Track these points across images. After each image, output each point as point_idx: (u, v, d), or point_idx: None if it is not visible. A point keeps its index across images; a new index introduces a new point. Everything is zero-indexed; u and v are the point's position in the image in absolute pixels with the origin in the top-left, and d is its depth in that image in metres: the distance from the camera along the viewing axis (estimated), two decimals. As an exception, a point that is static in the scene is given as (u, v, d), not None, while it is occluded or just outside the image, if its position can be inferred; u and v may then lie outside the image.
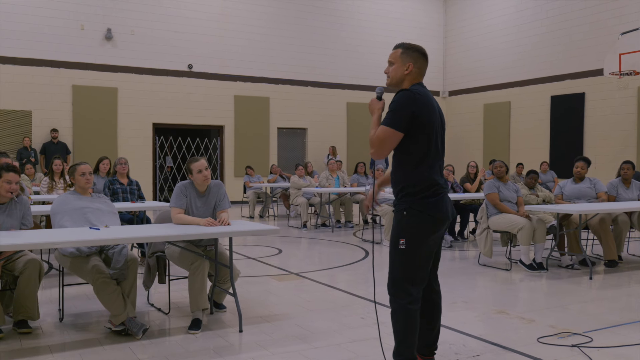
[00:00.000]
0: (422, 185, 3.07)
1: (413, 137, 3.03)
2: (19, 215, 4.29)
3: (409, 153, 3.08)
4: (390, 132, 2.99)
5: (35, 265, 4.07)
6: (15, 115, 13.38)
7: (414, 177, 3.08)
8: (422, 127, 3.02)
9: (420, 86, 3.12)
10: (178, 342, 3.94)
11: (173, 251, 4.46)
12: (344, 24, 17.50)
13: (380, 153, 3.05)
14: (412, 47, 3.18)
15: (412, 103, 3.00)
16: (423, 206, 3.06)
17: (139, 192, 7.22)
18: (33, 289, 4.06)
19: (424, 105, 3.02)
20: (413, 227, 3.07)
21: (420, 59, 3.17)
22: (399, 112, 3.00)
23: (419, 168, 3.07)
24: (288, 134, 16.98)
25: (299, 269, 6.60)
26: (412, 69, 3.13)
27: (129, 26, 14.59)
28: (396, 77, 3.16)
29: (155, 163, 15.28)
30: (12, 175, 4.18)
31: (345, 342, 3.94)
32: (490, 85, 17.53)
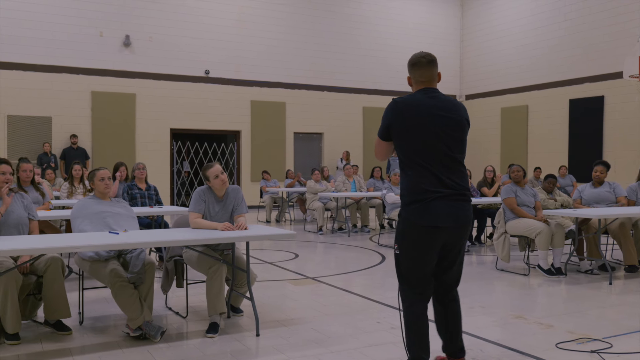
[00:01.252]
0: (407, 190, 3.13)
1: (396, 143, 3.19)
2: (22, 206, 4.39)
3: (399, 159, 3.22)
4: (377, 140, 3.28)
5: (57, 262, 4.14)
6: (35, 121, 13.60)
7: (403, 183, 3.19)
8: (399, 134, 3.14)
9: (418, 93, 3.22)
10: (196, 345, 3.97)
11: (191, 255, 4.50)
12: (360, 28, 17.52)
13: (377, 156, 3.36)
14: (409, 61, 3.31)
15: (388, 113, 3.18)
16: (407, 213, 3.13)
17: (156, 197, 7.29)
18: (60, 286, 4.13)
19: (400, 113, 3.12)
20: (400, 234, 3.17)
21: (412, 69, 3.27)
22: (382, 122, 3.23)
23: (406, 173, 3.16)
24: (304, 138, 17.02)
25: (315, 274, 6.61)
26: (410, 80, 3.31)
27: (147, 32, 14.75)
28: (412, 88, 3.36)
29: (172, 168, 15.41)
30: (4, 167, 4.38)
31: (361, 346, 3.94)
32: (508, 89, 17.41)
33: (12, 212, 4.29)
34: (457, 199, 3.12)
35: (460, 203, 3.13)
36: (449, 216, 3.08)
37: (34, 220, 4.47)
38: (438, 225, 3.06)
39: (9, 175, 4.33)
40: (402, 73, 17.97)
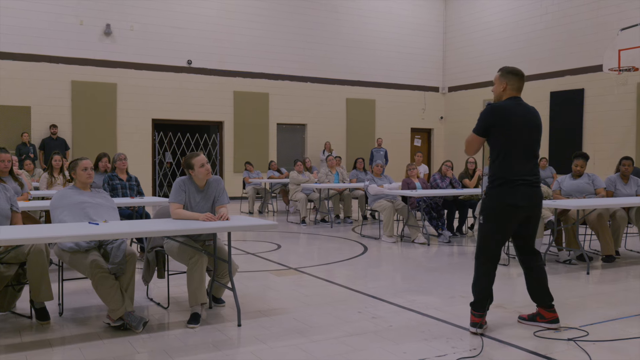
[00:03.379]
0: (499, 175, 3.92)
1: (494, 139, 3.95)
2: (5, 198, 4.34)
3: (494, 151, 3.97)
4: (473, 136, 4.01)
5: (40, 246, 4.10)
6: (14, 111, 13.39)
7: (495, 169, 3.95)
8: (499, 131, 3.91)
9: (510, 100, 4.01)
10: (177, 336, 3.97)
11: (172, 246, 4.48)
12: (343, 19, 17.49)
13: (468, 151, 4.08)
14: (507, 69, 4.08)
15: (488, 114, 3.95)
16: (497, 192, 3.93)
17: (138, 188, 7.24)
18: (44, 268, 4.09)
19: (501, 115, 3.92)
20: (488, 208, 3.98)
21: (513, 78, 4.04)
22: (480, 122, 3.97)
23: (500, 162, 3.92)
24: (287, 129, 16.99)
25: (297, 264, 6.62)
26: (506, 87, 4.04)
27: (128, 22, 14.58)
28: (496, 94, 4.10)
29: (154, 159, 15.29)
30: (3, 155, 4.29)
31: (342, 335, 3.97)
32: (490, 81, 17.49)
33: None
34: (535, 185, 3.98)
35: (536, 188, 4.00)
36: (526, 198, 3.92)
37: (17, 212, 4.41)
38: (518, 204, 3.89)
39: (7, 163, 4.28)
40: (385, 65, 18.01)
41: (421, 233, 8.22)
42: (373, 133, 17.97)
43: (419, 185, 8.73)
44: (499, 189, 3.92)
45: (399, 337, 3.92)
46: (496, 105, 3.99)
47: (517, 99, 4.04)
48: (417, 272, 6.23)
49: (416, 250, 7.65)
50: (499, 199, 3.92)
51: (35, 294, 4.12)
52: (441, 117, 19.29)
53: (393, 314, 4.54)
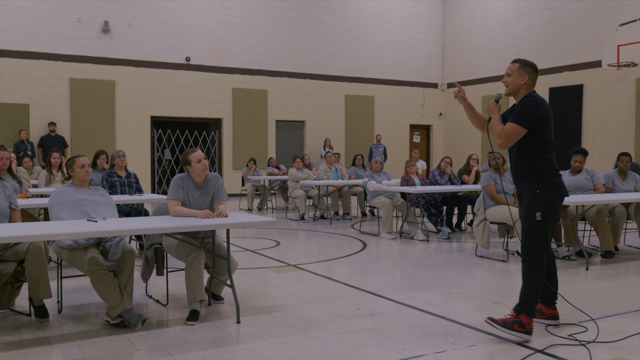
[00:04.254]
0: (548, 168, 3.86)
1: (538, 132, 3.82)
2: (4, 196, 4.33)
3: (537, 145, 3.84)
4: (519, 128, 3.80)
5: (39, 244, 4.10)
6: (12, 109, 13.37)
7: (541, 163, 3.85)
8: (545, 125, 3.82)
9: (535, 93, 3.89)
10: (176, 333, 3.97)
11: (170, 243, 4.48)
12: (342, 16, 17.45)
13: (507, 144, 3.85)
14: (527, 62, 3.94)
15: (537, 106, 3.81)
16: (552, 185, 3.84)
17: (137, 185, 7.23)
18: (42, 265, 4.10)
19: (546, 108, 3.85)
20: (544, 203, 3.82)
21: (534, 72, 3.93)
22: (529, 113, 3.79)
23: (546, 156, 3.86)
24: (286, 126, 16.97)
25: (297, 261, 6.62)
26: (527, 80, 3.90)
27: (127, 19, 14.55)
28: (514, 87, 3.93)
29: (153, 156, 15.28)
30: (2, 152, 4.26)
31: (341, 332, 3.97)
32: (488, 77, 17.50)
33: None
34: None
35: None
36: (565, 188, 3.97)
37: (15, 210, 4.40)
38: (566, 194, 3.95)
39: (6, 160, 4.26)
40: (384, 61, 17.99)
41: (420, 230, 8.21)
42: (372, 129, 17.96)
43: (418, 182, 8.73)
44: (554, 181, 3.86)
45: (398, 334, 3.92)
46: (540, 97, 3.90)
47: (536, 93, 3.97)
48: (416, 269, 6.23)
49: (415, 247, 7.65)
50: (556, 192, 3.87)
51: (34, 291, 4.12)
52: (440, 114, 19.28)
53: (392, 310, 4.54)
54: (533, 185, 3.85)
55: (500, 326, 3.77)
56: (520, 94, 3.94)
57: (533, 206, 3.85)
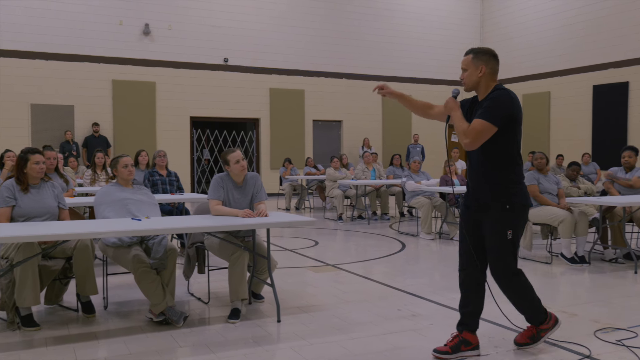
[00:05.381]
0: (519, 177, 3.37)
1: (510, 133, 3.29)
2: (53, 195, 4.44)
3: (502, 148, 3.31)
4: (488, 126, 3.22)
5: (85, 241, 4.22)
6: (58, 110, 13.76)
7: (514, 170, 3.35)
8: (517, 125, 3.32)
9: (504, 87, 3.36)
10: (218, 330, 4.01)
11: (212, 242, 4.53)
12: (378, 15, 17.38)
13: (475, 144, 3.27)
14: (482, 50, 3.42)
15: (509, 101, 3.27)
16: (521, 198, 3.36)
17: (177, 184, 7.34)
18: (89, 262, 4.21)
19: (517, 103, 3.32)
20: (516, 218, 3.37)
21: (491, 60, 3.40)
22: (500, 110, 3.24)
23: (516, 162, 3.36)
24: (323, 126, 16.99)
25: (335, 261, 6.62)
26: (485, 71, 3.37)
27: (166, 21, 14.80)
28: (471, 81, 3.40)
29: (192, 156, 15.50)
30: (37, 156, 4.39)
31: (382, 333, 3.94)
32: (529, 75, 17.18)
33: (41, 201, 4.34)
34: None
35: None
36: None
37: (64, 209, 4.52)
38: (531, 204, 3.58)
39: (42, 165, 4.37)
40: (421, 60, 17.83)
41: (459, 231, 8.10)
42: (409, 129, 17.82)
43: (458, 182, 8.62)
44: (522, 192, 3.37)
45: (440, 336, 3.87)
46: (512, 92, 3.34)
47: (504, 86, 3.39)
48: (456, 270, 6.13)
49: (455, 248, 7.55)
50: (524, 204, 3.38)
51: (81, 287, 4.23)
52: (479, 113, 19.01)
53: (433, 312, 4.49)
54: (500, 199, 3.32)
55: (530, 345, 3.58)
56: (482, 88, 3.38)
57: (503, 225, 3.33)
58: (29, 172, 4.34)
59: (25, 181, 4.33)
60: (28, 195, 4.31)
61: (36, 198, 4.34)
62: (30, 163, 4.33)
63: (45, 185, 4.46)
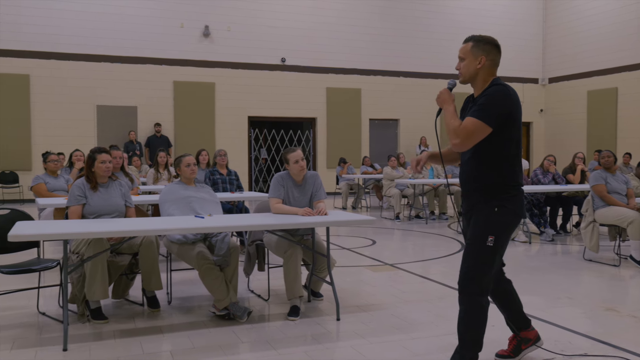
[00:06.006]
0: (512, 182, 3.03)
1: (505, 133, 2.96)
2: (120, 194, 4.60)
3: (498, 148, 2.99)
4: (482, 125, 2.91)
5: (151, 238, 4.36)
6: (122, 111, 14.26)
7: (507, 174, 3.02)
8: (514, 124, 2.98)
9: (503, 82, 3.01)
10: (278, 327, 4.06)
11: (270, 239, 4.59)
12: (435, 11, 17.14)
13: (465, 145, 2.95)
14: (484, 39, 3.06)
15: (506, 99, 2.94)
16: (513, 204, 3.02)
17: (237, 183, 7.46)
18: (154, 258, 4.35)
19: (515, 101, 2.97)
20: (501, 225, 3.00)
21: (493, 50, 3.05)
22: (493, 108, 2.91)
23: (510, 164, 3.03)
24: (380, 125, 16.91)
25: (393, 260, 6.57)
26: (484, 62, 3.03)
27: (226, 23, 15.08)
28: (468, 72, 3.07)
29: (250, 155, 15.74)
30: (104, 155, 4.54)
31: (443, 334, 3.89)
32: (595, 71, 16.55)
33: (109, 199, 4.51)
34: None
35: None
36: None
37: (130, 207, 4.68)
38: (524, 215, 3.15)
39: (109, 164, 4.54)
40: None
41: (522, 231, 7.90)
42: (468, 127, 17.49)
43: (519, 181, 8.39)
44: (516, 198, 3.03)
45: (503, 337, 3.78)
46: (511, 88, 3.00)
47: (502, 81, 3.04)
48: (518, 271, 5.99)
49: (516, 249, 7.37)
50: (516, 212, 3.03)
51: (147, 283, 4.37)
52: (541, 110, 18.46)
53: (495, 313, 4.36)
54: (491, 202, 3.00)
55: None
56: (479, 82, 3.06)
57: (486, 228, 2.99)
58: (97, 171, 4.51)
59: (94, 180, 4.51)
60: (97, 193, 4.49)
61: (105, 196, 4.51)
62: (98, 162, 4.50)
63: (112, 184, 4.63)
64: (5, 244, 4.04)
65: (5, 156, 13.38)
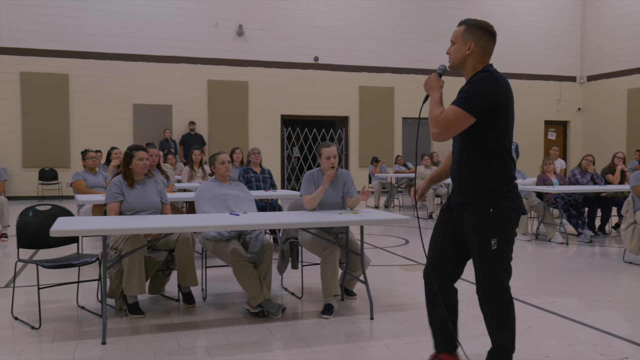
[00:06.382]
0: (504, 177, 2.80)
1: (491, 124, 2.74)
2: (156, 191, 4.67)
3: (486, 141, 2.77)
4: (463, 115, 2.70)
5: (187, 235, 4.43)
6: (157, 109, 14.48)
7: (497, 169, 2.78)
8: (501, 114, 2.74)
9: (492, 68, 2.83)
10: (311, 325, 4.07)
11: (305, 238, 4.60)
12: (471, 9, 16.92)
13: (444, 135, 2.74)
14: (477, 23, 2.88)
15: (490, 86, 2.72)
16: (509, 202, 2.80)
17: (271, 181, 7.50)
18: (190, 255, 4.41)
19: (504, 90, 2.75)
20: (501, 225, 2.82)
21: (484, 36, 2.86)
22: (478, 96, 2.70)
23: (500, 158, 2.78)
24: (413, 124, 16.79)
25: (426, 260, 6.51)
26: (474, 48, 2.84)
27: (259, 22, 15.17)
28: (457, 58, 2.89)
29: (283, 153, 15.81)
30: (142, 153, 4.63)
31: (478, 335, 3.84)
32: (636, 69, 16.11)
33: (146, 196, 4.59)
34: None
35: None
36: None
37: (166, 204, 4.76)
38: (525, 212, 2.88)
39: (146, 161, 4.63)
40: (516, 55, 17.19)
41: (559, 232, 7.75)
42: (503, 126, 17.24)
43: (556, 182, 8.24)
44: (511, 194, 2.81)
45: (539, 340, 3.73)
46: (500, 75, 2.76)
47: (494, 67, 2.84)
48: (554, 273, 5.88)
49: (553, 250, 7.23)
50: (514, 209, 2.82)
51: (182, 279, 4.43)
52: (579, 109, 18.07)
53: (531, 315, 4.32)
54: (484, 201, 2.79)
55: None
56: (468, 68, 2.86)
57: (485, 232, 2.81)
58: (134, 168, 4.59)
59: (131, 177, 4.59)
60: (134, 190, 4.57)
61: (141, 193, 4.59)
62: (135, 159, 4.58)
63: (149, 181, 4.71)
64: (47, 239, 4.14)
65: (45, 154, 13.73)
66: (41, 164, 13.73)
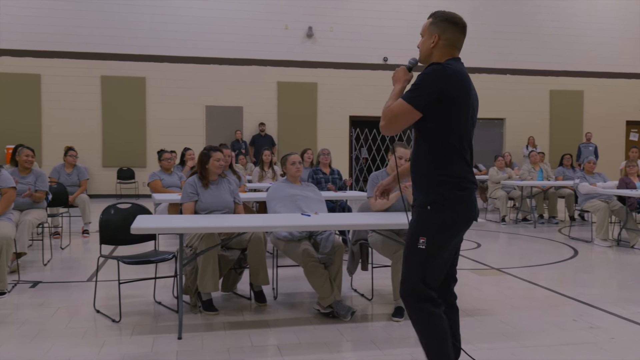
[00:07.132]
0: (451, 177, 2.60)
1: (437, 119, 2.57)
2: (229, 191, 4.76)
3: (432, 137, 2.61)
4: (408, 108, 2.56)
5: (259, 234, 4.50)
6: (229, 111, 14.83)
7: (444, 166, 2.61)
8: (449, 109, 2.56)
9: (457, 62, 2.67)
10: (382, 327, 4.04)
11: (376, 239, 4.57)
12: (542, 6, 16.35)
13: (389, 128, 2.60)
14: (442, 15, 2.77)
15: (438, 78, 2.55)
16: (453, 203, 2.61)
17: (340, 182, 7.51)
18: (262, 254, 4.48)
19: (455, 83, 2.57)
20: (436, 225, 2.61)
21: (450, 28, 2.73)
22: (424, 89, 2.56)
23: (447, 156, 2.60)
24: (484, 124, 16.38)
25: (498, 264, 6.34)
26: (437, 41, 2.71)
27: (328, 23, 15.24)
28: (423, 51, 2.78)
29: (351, 154, 15.81)
30: (218, 154, 4.75)
31: (557, 344, 3.70)
32: None
33: (220, 196, 4.71)
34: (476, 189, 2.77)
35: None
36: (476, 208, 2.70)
37: (239, 204, 4.87)
38: (475, 218, 2.67)
39: (222, 162, 4.75)
40: (592, 53, 16.49)
41: (642, 238, 7.35)
42: (580, 127, 16.56)
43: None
44: (457, 195, 2.60)
45: (624, 352, 3.54)
46: (454, 68, 2.61)
47: (460, 61, 2.71)
48: (638, 281, 5.58)
49: (636, 257, 6.86)
50: (456, 211, 2.61)
51: (254, 277, 4.50)
52: (662, 108, 17.09)
53: (614, 325, 4.11)
54: (424, 199, 2.63)
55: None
56: (432, 62, 2.71)
57: (417, 229, 2.63)
58: (210, 168, 4.72)
59: (206, 177, 4.72)
60: (208, 190, 4.69)
61: (215, 193, 4.71)
62: (212, 160, 4.71)
63: (222, 181, 4.82)
64: (127, 235, 4.32)
65: (123, 154, 14.35)
66: (119, 164, 14.36)
